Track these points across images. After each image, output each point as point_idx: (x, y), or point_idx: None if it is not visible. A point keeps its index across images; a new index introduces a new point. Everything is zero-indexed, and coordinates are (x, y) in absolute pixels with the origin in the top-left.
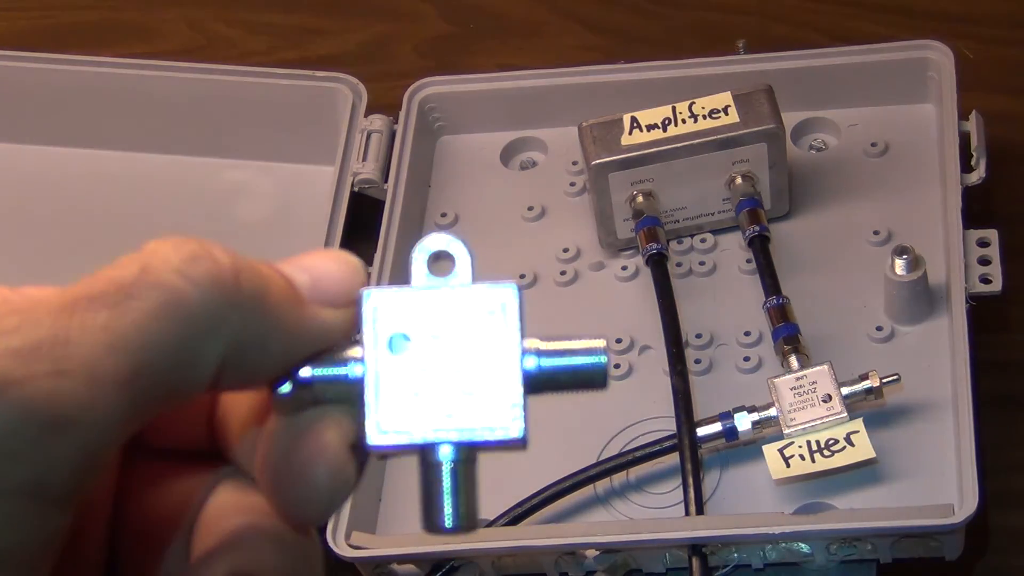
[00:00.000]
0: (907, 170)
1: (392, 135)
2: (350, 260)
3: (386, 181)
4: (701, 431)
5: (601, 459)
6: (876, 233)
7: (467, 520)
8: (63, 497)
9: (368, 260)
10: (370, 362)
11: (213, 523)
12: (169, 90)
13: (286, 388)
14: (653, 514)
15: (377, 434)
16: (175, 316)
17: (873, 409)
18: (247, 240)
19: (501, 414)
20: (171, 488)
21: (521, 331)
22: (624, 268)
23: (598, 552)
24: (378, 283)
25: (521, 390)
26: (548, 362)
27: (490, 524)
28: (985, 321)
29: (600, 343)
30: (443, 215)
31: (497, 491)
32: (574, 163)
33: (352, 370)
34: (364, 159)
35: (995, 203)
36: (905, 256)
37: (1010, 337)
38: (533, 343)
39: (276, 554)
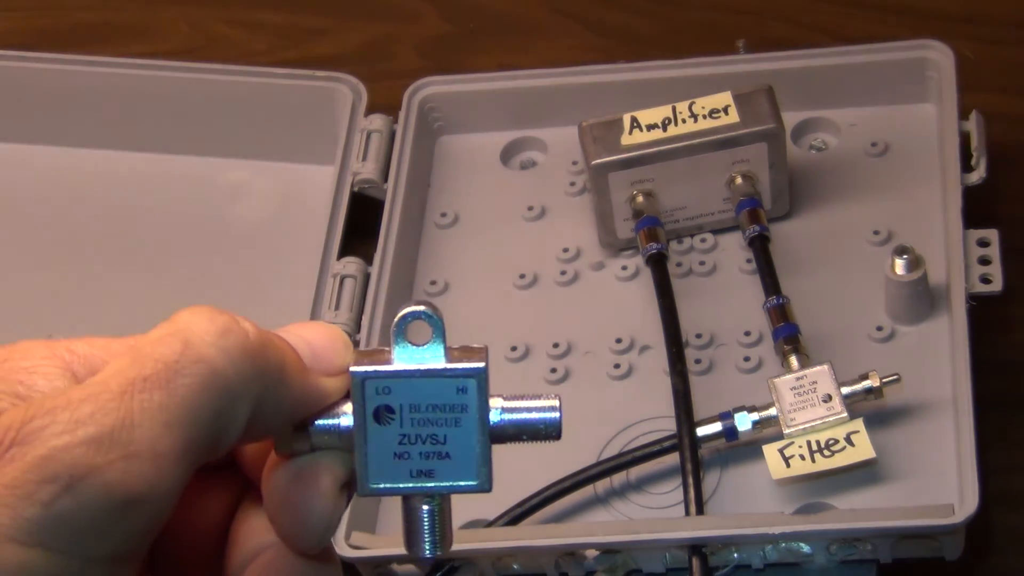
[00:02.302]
0: (907, 170)
1: (392, 135)
2: (340, 335)
3: (386, 181)
4: (701, 431)
5: (601, 459)
6: (876, 233)
7: (443, 547)
8: (136, 556)
9: (368, 260)
10: (358, 430)
11: (245, 540)
12: (169, 90)
13: (289, 439)
14: (653, 514)
15: (366, 486)
16: (215, 387)
17: (873, 409)
18: (247, 240)
19: (472, 471)
20: (200, 499)
21: (485, 402)
22: (624, 268)
23: (598, 552)
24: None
25: (488, 451)
26: (510, 417)
27: (490, 524)
28: (985, 321)
29: (555, 402)
30: (443, 215)
31: (497, 491)
32: (574, 163)
33: (342, 422)
34: (364, 159)
35: (995, 203)
36: (905, 256)
37: (1010, 337)
38: (497, 401)
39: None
